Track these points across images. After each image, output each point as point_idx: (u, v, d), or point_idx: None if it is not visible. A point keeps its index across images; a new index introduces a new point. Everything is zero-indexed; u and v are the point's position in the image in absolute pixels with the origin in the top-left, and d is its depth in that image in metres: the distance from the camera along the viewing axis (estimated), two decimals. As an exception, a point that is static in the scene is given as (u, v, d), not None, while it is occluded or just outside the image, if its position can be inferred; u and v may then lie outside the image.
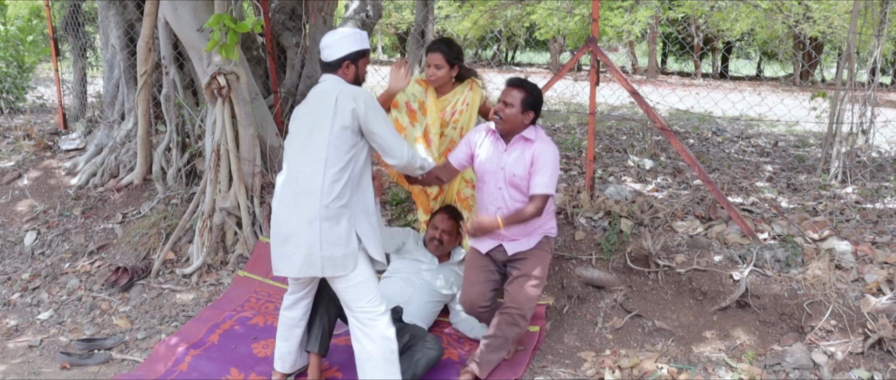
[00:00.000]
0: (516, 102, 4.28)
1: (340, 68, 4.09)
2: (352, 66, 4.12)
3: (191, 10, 6.05)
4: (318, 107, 3.96)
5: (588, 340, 5.02)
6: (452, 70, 5.03)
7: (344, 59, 4.08)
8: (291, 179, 3.94)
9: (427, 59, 5.06)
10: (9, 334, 5.50)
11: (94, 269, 6.31)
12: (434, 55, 5.01)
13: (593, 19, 5.72)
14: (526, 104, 4.29)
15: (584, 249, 5.50)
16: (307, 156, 3.90)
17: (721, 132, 10.89)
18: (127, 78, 7.65)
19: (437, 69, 5.01)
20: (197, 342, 4.94)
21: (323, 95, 3.98)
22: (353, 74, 4.13)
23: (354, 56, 4.10)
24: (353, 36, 4.12)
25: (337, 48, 4.07)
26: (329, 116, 3.88)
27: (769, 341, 4.68)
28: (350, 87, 4.00)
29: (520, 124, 4.33)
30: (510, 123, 4.32)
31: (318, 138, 3.88)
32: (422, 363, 4.34)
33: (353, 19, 8.08)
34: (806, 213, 5.86)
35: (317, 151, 3.87)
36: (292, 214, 3.88)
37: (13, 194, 7.53)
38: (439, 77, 5.02)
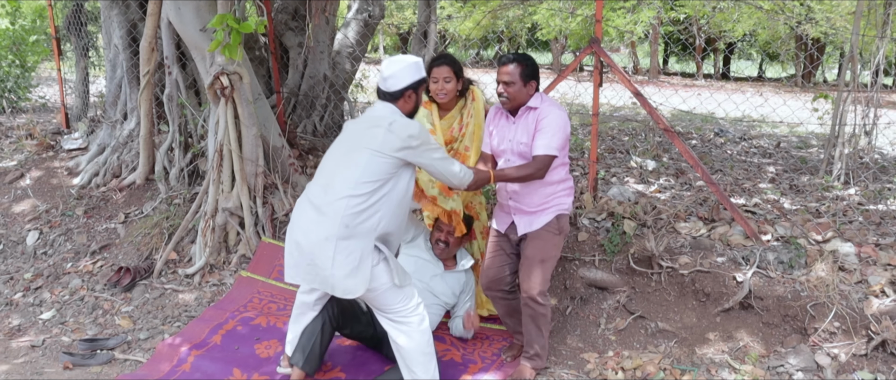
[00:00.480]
0: (515, 77, 4.29)
1: (402, 98, 4.02)
2: (413, 96, 4.06)
3: (194, 11, 6.05)
4: (367, 128, 3.92)
5: (591, 341, 5.01)
6: (459, 83, 4.88)
7: (407, 89, 4.01)
8: (321, 188, 3.91)
9: (434, 74, 4.83)
10: (11, 334, 5.50)
11: (96, 269, 6.30)
12: (442, 69, 4.81)
13: (597, 20, 5.71)
14: (525, 76, 4.30)
15: (587, 250, 5.50)
16: (341, 171, 3.87)
17: (723, 133, 10.88)
18: (130, 78, 7.64)
19: (446, 83, 4.81)
20: (200, 343, 4.94)
21: (376, 120, 3.92)
22: (413, 104, 4.09)
23: (416, 85, 4.04)
24: (415, 66, 4.05)
25: (400, 79, 3.99)
26: (376, 142, 3.84)
27: (772, 342, 4.67)
28: (405, 123, 3.92)
29: (525, 96, 4.35)
30: (517, 99, 4.34)
31: (355, 158, 3.85)
32: None
33: (355, 19, 8.09)
34: (809, 214, 5.85)
35: (351, 169, 3.83)
36: (311, 225, 3.85)
37: (15, 194, 7.53)
38: (449, 91, 4.84)
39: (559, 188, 4.43)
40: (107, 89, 8.28)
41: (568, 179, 4.51)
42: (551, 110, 4.29)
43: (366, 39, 8.06)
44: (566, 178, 4.49)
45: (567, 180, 4.49)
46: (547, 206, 4.42)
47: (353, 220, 3.77)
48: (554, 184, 4.40)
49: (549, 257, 4.43)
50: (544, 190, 4.39)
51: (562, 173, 4.44)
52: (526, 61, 4.32)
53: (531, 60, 4.35)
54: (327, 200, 3.82)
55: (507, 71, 4.30)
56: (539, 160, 4.23)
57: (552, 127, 4.24)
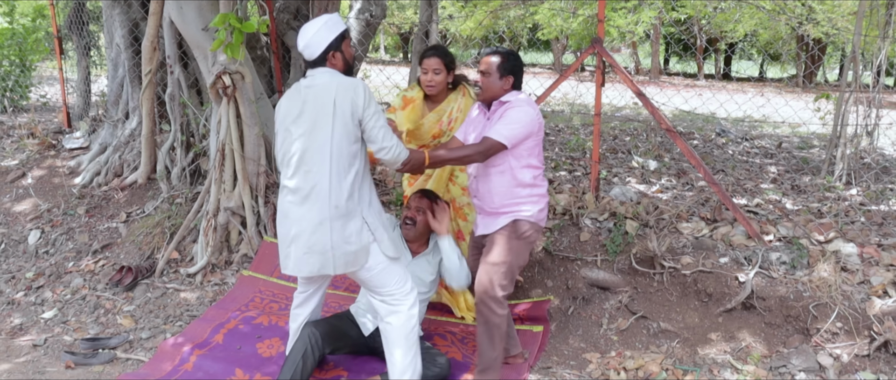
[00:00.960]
0: (492, 69, 4.22)
1: (328, 61, 3.98)
2: (338, 54, 4.00)
3: (196, 10, 6.05)
4: (316, 106, 3.85)
5: (593, 341, 5.01)
6: (449, 75, 4.91)
7: (328, 50, 3.95)
8: (298, 179, 3.88)
9: (424, 65, 4.87)
10: (13, 333, 5.50)
11: (98, 268, 6.31)
12: (431, 60, 4.84)
13: (599, 20, 5.71)
14: (503, 69, 4.22)
15: (589, 250, 5.49)
16: (313, 156, 3.83)
17: (725, 134, 10.88)
18: (131, 77, 7.65)
19: (435, 74, 4.84)
20: (202, 342, 4.94)
21: (319, 93, 3.87)
22: (341, 61, 4.03)
23: (336, 43, 3.97)
24: (326, 23, 3.98)
25: (317, 43, 3.94)
26: (330, 115, 3.80)
27: (775, 343, 4.67)
28: (347, 81, 3.88)
29: (499, 90, 4.25)
30: (490, 91, 4.26)
31: (321, 137, 3.81)
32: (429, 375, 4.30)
33: (357, 19, 8.09)
34: (811, 215, 5.85)
35: (321, 150, 3.81)
36: (302, 215, 3.85)
37: (17, 193, 7.54)
38: (438, 82, 4.86)
39: (523, 193, 4.23)
40: (108, 88, 8.28)
41: (537, 185, 4.27)
42: (521, 105, 4.16)
43: (367, 39, 8.05)
44: (534, 183, 4.25)
45: (535, 187, 4.26)
46: (507, 209, 4.24)
47: (342, 199, 3.82)
48: (517, 186, 4.21)
49: (503, 261, 4.18)
50: (505, 191, 4.21)
51: (527, 177, 4.21)
52: (508, 57, 4.26)
53: (514, 57, 4.29)
54: (310, 189, 3.83)
55: (486, 61, 4.26)
56: (483, 142, 4.09)
57: (513, 117, 4.11)
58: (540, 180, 4.30)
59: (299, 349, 4.25)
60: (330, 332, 4.42)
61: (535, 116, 4.17)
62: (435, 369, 4.35)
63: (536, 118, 4.18)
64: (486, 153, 4.09)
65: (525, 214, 4.23)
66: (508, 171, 4.20)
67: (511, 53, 4.30)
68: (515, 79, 4.28)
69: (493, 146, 4.07)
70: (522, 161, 4.19)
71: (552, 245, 5.57)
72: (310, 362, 4.25)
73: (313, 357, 4.27)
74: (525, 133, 4.12)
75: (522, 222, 4.23)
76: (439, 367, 4.37)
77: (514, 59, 4.28)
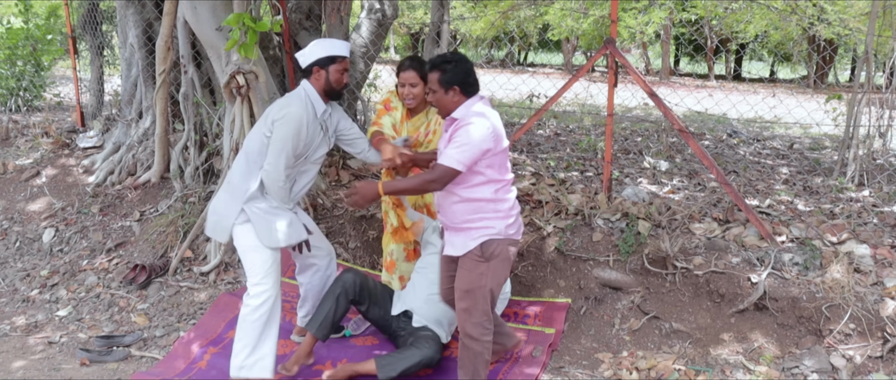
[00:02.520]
0: (435, 85, 3.98)
1: (312, 75, 4.31)
2: (322, 72, 4.29)
3: (210, 10, 6.08)
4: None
5: (605, 341, 5.02)
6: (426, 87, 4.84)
7: (314, 65, 4.29)
8: None
9: (401, 78, 4.80)
10: (28, 330, 5.54)
11: (112, 266, 6.35)
12: (407, 73, 4.75)
13: (612, 21, 5.72)
14: (444, 82, 3.94)
15: (601, 250, 5.50)
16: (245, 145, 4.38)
17: (736, 134, 10.86)
18: (145, 76, 7.69)
19: (412, 87, 4.77)
20: (215, 339, 4.97)
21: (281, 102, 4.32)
22: (323, 80, 4.31)
23: (324, 62, 4.27)
24: (325, 43, 4.32)
25: (308, 55, 4.31)
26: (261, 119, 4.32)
27: (787, 344, 4.67)
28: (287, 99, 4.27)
29: (450, 104, 3.98)
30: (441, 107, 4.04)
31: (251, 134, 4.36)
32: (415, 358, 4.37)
33: (369, 19, 8.10)
34: (823, 216, 5.84)
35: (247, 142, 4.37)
36: None
37: (32, 191, 7.58)
38: (415, 95, 4.80)
39: (486, 208, 3.96)
40: (122, 88, 8.33)
41: (501, 200, 3.99)
42: (468, 122, 3.85)
43: (379, 39, 8.06)
44: (496, 198, 3.96)
45: (498, 201, 3.98)
46: (470, 226, 3.98)
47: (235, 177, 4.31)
48: (477, 202, 3.95)
49: (476, 287, 3.98)
50: (464, 206, 3.97)
51: (488, 192, 3.94)
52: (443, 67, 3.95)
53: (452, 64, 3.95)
54: None
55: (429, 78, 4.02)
56: (436, 170, 3.88)
57: (461, 140, 3.82)
58: (503, 193, 4.00)
59: (335, 290, 4.56)
60: (365, 282, 4.67)
61: (486, 132, 3.83)
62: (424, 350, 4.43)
63: (489, 134, 3.84)
64: (441, 181, 3.87)
65: (491, 233, 3.97)
66: (469, 187, 3.95)
67: (448, 61, 3.97)
68: (462, 86, 3.96)
69: (447, 173, 3.84)
70: (481, 177, 3.93)
71: (565, 245, 5.58)
72: (342, 304, 4.55)
73: (346, 300, 4.56)
74: (477, 153, 3.83)
75: (490, 243, 3.97)
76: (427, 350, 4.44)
77: (454, 65, 3.95)
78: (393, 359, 4.39)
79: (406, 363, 4.34)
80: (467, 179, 3.92)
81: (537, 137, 9.97)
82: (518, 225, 4.11)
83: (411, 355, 4.38)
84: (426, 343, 4.47)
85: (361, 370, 4.44)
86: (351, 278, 4.61)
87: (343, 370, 4.46)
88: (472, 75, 3.99)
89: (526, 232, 5.72)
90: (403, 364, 4.34)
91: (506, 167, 4.02)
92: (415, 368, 4.37)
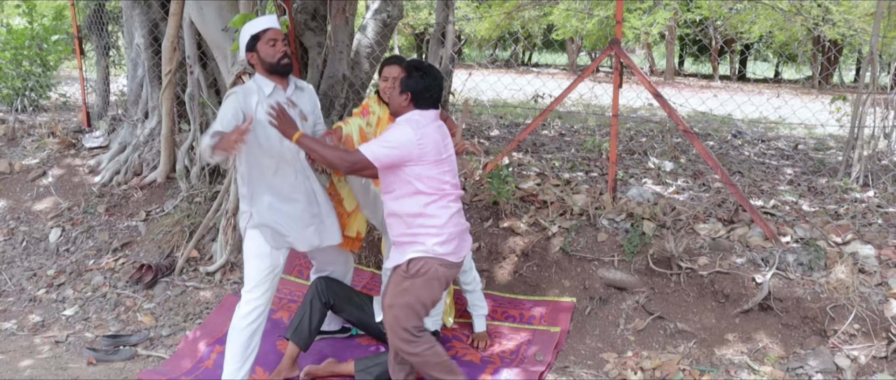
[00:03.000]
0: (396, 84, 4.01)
1: (252, 65, 4.26)
2: (254, 54, 4.19)
3: (216, 10, 6.10)
4: None
5: (610, 341, 5.03)
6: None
7: (246, 53, 4.23)
8: None
9: (384, 73, 4.73)
10: (35, 330, 5.57)
11: (118, 266, 6.37)
12: (392, 68, 4.66)
13: (617, 21, 5.73)
14: (404, 84, 3.96)
15: (606, 250, 5.51)
16: None
17: (741, 135, 10.86)
18: (151, 77, 7.71)
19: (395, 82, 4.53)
20: (221, 337, 4.98)
21: None
22: (257, 60, 4.19)
23: (250, 44, 4.18)
24: (245, 27, 4.22)
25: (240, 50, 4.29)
26: None
27: (792, 344, 4.68)
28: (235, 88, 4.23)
29: (397, 105, 4.02)
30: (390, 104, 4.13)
31: None
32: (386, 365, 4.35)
33: (374, 19, 8.12)
34: (828, 216, 5.85)
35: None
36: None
37: (38, 191, 7.61)
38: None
39: (414, 223, 3.91)
40: (128, 88, 8.35)
41: (431, 215, 3.89)
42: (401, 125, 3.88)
43: (385, 40, 8.08)
44: (425, 213, 3.89)
45: (428, 217, 3.89)
46: (402, 241, 3.96)
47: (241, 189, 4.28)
48: (408, 216, 3.91)
49: (396, 303, 3.93)
50: (394, 220, 3.98)
51: (415, 206, 3.89)
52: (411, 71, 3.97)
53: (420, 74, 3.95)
54: None
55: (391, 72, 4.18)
56: (352, 153, 3.85)
57: (387, 138, 3.84)
58: (435, 209, 3.90)
59: (307, 296, 4.61)
60: (331, 286, 4.67)
61: (413, 139, 3.80)
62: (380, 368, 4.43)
63: (415, 142, 3.80)
64: (351, 165, 3.83)
65: (420, 249, 3.90)
66: (398, 198, 3.92)
67: (419, 69, 3.98)
68: (415, 97, 3.95)
69: (360, 161, 3.79)
70: (410, 187, 3.87)
71: (569, 245, 5.59)
72: (317, 309, 4.57)
73: (320, 303, 4.58)
74: (398, 156, 3.80)
75: (416, 261, 3.89)
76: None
77: (421, 76, 3.95)
78: (371, 363, 4.43)
79: (382, 368, 4.36)
80: (396, 187, 3.91)
81: (542, 137, 9.98)
82: (455, 245, 3.97)
83: (384, 361, 4.37)
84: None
85: (342, 371, 4.49)
86: (321, 283, 4.65)
87: (326, 368, 4.51)
88: (431, 91, 3.96)
89: (531, 232, 5.74)
90: (380, 368, 4.37)
91: (443, 182, 3.92)
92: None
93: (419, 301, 3.93)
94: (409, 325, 3.93)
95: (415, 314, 3.94)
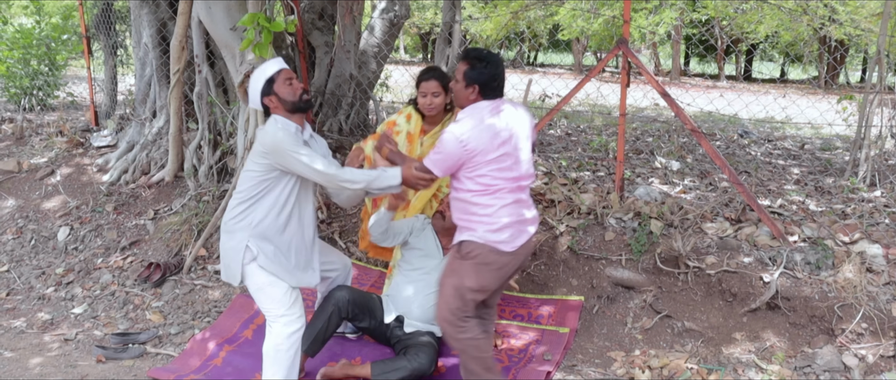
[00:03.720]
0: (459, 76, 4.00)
1: (270, 108, 4.16)
2: (273, 98, 4.13)
3: (224, 10, 6.12)
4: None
5: (618, 340, 5.04)
6: (447, 97, 4.88)
7: (262, 98, 4.15)
8: None
9: (422, 88, 4.87)
10: (44, 328, 5.59)
11: (126, 264, 6.39)
12: (430, 83, 4.82)
13: (625, 21, 5.73)
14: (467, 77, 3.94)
15: (613, 249, 5.52)
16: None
17: (747, 135, 10.85)
18: (159, 76, 7.73)
19: (434, 98, 4.84)
20: (231, 337, 5.00)
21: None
22: (278, 102, 4.14)
23: (266, 89, 4.13)
24: (256, 74, 4.19)
25: (253, 97, 4.21)
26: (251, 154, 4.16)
27: (799, 343, 4.68)
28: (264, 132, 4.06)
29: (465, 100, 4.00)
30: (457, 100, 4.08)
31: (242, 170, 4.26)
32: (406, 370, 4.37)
33: (381, 19, 8.14)
34: (835, 216, 5.85)
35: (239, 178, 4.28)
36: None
37: (46, 190, 7.64)
38: (437, 105, 4.87)
39: (470, 209, 3.94)
40: (136, 87, 8.38)
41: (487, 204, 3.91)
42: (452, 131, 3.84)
43: (391, 39, 8.11)
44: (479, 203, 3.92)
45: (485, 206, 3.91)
46: (461, 224, 4.01)
47: (231, 218, 4.16)
48: (466, 204, 3.96)
49: (446, 283, 4.04)
50: (458, 207, 4.02)
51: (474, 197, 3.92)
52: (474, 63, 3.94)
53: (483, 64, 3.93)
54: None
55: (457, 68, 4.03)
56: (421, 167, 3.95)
57: (439, 148, 3.89)
58: (487, 200, 3.90)
59: (326, 308, 4.52)
60: (356, 299, 4.63)
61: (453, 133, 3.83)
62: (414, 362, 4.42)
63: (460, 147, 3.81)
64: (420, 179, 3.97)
65: (474, 236, 3.93)
66: (455, 187, 4.00)
67: (482, 59, 3.95)
68: (482, 88, 3.94)
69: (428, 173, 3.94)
70: (466, 183, 3.92)
71: (577, 244, 5.60)
72: (334, 322, 4.53)
73: (338, 317, 4.54)
74: (452, 163, 3.86)
75: (467, 243, 3.96)
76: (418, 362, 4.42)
77: (484, 66, 3.93)
78: (388, 367, 4.40)
79: (399, 374, 4.36)
80: (459, 180, 3.95)
81: (549, 136, 9.98)
82: (509, 235, 3.95)
83: (404, 366, 4.38)
84: (421, 352, 4.46)
85: (358, 374, 4.46)
86: (343, 296, 4.56)
87: (341, 369, 4.49)
88: (497, 80, 3.96)
89: (539, 230, 5.73)
90: (397, 374, 4.36)
91: (496, 178, 3.90)
92: (409, 377, 4.38)
93: (465, 284, 3.96)
94: (454, 306, 3.98)
95: (460, 297, 3.97)
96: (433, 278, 4.69)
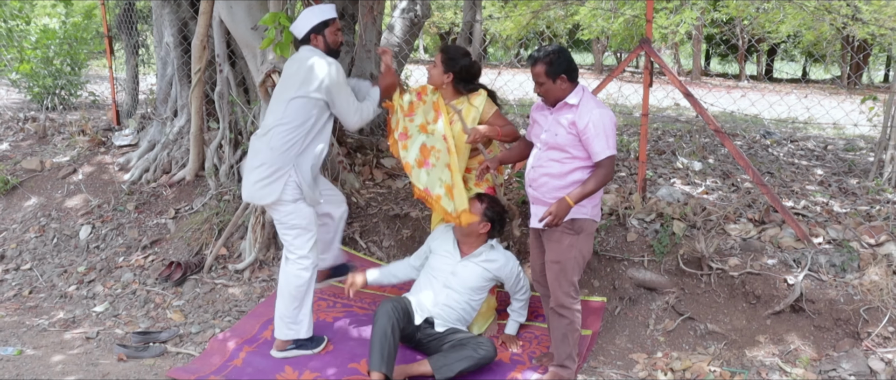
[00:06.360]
0: (542, 78, 4.24)
1: (310, 41, 4.69)
2: (319, 37, 4.67)
3: (245, 9, 6.12)
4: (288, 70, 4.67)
5: (640, 341, 5.00)
6: (448, 76, 4.92)
7: (310, 33, 4.67)
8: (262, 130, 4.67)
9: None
10: (66, 326, 5.61)
11: (147, 263, 6.41)
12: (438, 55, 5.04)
13: (647, 20, 5.69)
14: (551, 73, 4.21)
15: (635, 250, 5.48)
16: (273, 106, 4.65)
17: (770, 135, 10.76)
18: (180, 75, 7.75)
19: (433, 68, 5.02)
20: (251, 338, 5.00)
21: (293, 61, 4.68)
22: (323, 44, 4.69)
23: (319, 27, 4.66)
24: (314, 11, 4.67)
25: (303, 25, 4.68)
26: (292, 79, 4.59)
27: (824, 346, 4.63)
28: (313, 60, 4.56)
29: (560, 92, 4.26)
30: (552, 96, 4.30)
31: (283, 95, 4.61)
32: (473, 359, 4.42)
33: (401, 18, 8.13)
34: (860, 217, 5.78)
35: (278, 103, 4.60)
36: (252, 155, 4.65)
37: (68, 189, 7.67)
38: (433, 75, 5.01)
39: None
40: (157, 87, 8.41)
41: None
42: (593, 113, 4.15)
43: (412, 38, 8.09)
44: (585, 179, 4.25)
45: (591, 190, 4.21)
46: None
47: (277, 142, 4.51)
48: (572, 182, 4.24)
49: (565, 259, 4.32)
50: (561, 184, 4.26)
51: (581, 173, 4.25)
52: (549, 61, 4.21)
53: (556, 54, 4.23)
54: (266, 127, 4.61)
55: (534, 72, 4.28)
56: (603, 163, 4.15)
57: (601, 130, 4.13)
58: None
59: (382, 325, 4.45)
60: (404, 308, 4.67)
61: (608, 115, 4.20)
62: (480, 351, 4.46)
63: (610, 116, 4.22)
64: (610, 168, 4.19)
65: (583, 213, 4.29)
66: (565, 162, 4.26)
67: (551, 53, 4.24)
68: (568, 73, 4.24)
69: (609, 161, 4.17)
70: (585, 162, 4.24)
71: (599, 245, 5.56)
72: (397, 334, 4.48)
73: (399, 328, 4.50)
74: (611, 132, 4.18)
75: (580, 221, 4.32)
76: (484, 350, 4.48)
77: (556, 56, 4.23)
78: (449, 360, 4.41)
79: (464, 364, 4.40)
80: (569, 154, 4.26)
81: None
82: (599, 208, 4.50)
83: (468, 356, 4.42)
84: (478, 343, 4.50)
85: (416, 371, 4.47)
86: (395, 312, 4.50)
87: (399, 373, 4.47)
88: (573, 62, 4.28)
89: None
90: (461, 365, 4.40)
91: None
92: (472, 368, 4.42)
93: (581, 254, 4.38)
94: (574, 278, 4.38)
95: (578, 267, 4.39)
96: (451, 280, 4.78)
